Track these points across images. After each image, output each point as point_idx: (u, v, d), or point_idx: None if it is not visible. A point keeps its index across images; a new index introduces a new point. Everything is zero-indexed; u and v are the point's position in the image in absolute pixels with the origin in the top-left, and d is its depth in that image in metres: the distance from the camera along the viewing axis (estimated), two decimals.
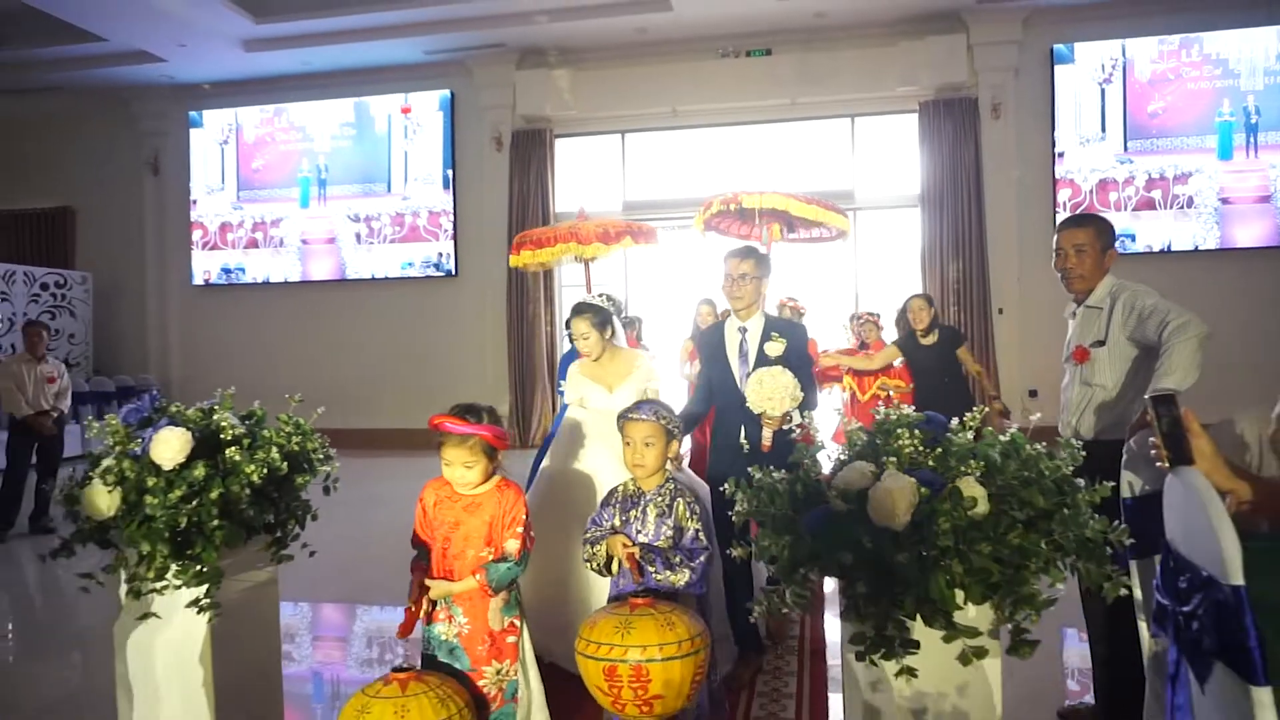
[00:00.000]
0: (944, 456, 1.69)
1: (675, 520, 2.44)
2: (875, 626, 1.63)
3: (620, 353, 3.55)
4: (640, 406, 2.53)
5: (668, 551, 2.39)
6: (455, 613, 2.28)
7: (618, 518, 2.50)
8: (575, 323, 3.47)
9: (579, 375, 3.55)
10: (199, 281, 11.55)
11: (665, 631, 2.08)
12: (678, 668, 2.06)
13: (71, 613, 4.62)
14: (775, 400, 3.01)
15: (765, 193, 5.47)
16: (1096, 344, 2.66)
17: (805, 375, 3.17)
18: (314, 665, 3.83)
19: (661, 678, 2.05)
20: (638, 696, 2.06)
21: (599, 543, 2.46)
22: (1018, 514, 1.61)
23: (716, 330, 3.39)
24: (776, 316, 3.44)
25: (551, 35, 9.86)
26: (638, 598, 2.21)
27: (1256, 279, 8.78)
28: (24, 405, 5.75)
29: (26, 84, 11.15)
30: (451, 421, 2.27)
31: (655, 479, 2.50)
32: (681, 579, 2.35)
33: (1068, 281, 2.78)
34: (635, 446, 2.47)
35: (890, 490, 1.62)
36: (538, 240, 5.89)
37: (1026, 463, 1.69)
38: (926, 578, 1.58)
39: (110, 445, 2.28)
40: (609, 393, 3.43)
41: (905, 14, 9.27)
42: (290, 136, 11.31)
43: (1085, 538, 1.63)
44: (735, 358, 3.26)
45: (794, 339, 3.24)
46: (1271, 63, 8.90)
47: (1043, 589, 1.72)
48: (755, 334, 3.24)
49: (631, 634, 2.06)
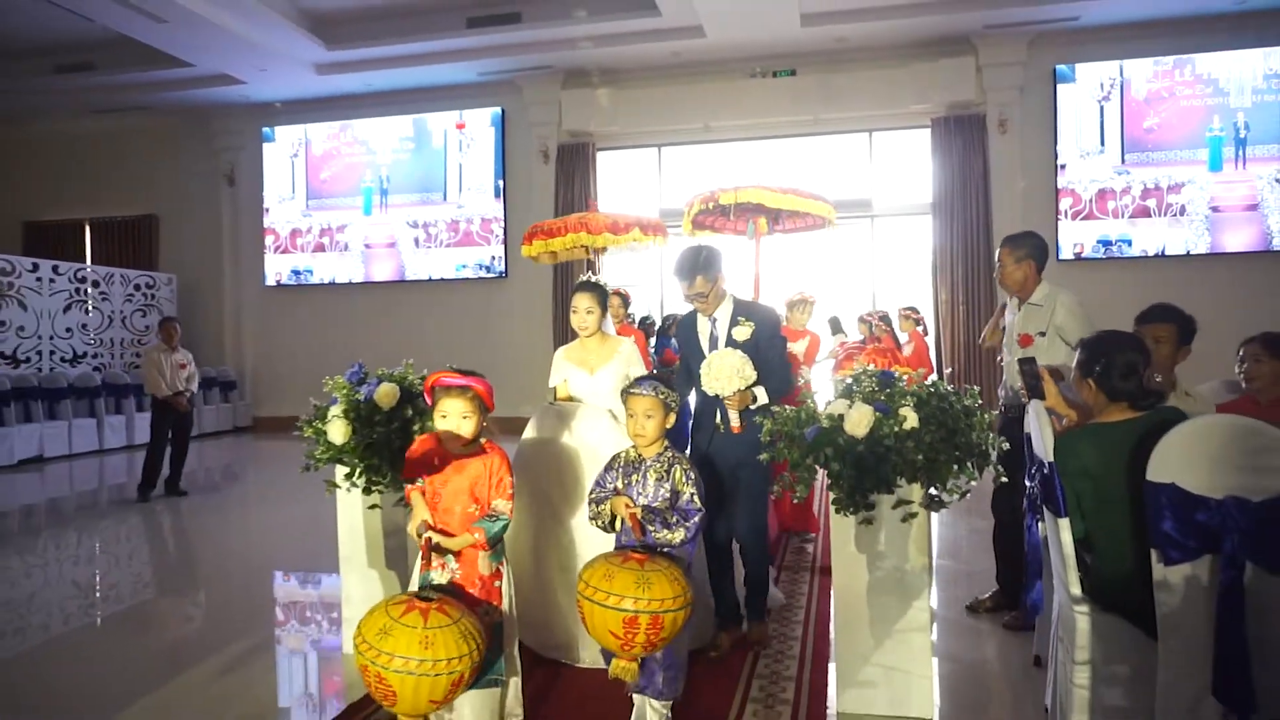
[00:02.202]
0: (891, 395, 2.62)
1: (672, 485, 2.60)
2: (847, 494, 2.58)
3: (606, 338, 3.63)
4: (641, 382, 2.68)
5: (665, 512, 2.56)
6: (448, 560, 2.47)
7: (620, 481, 2.66)
8: (580, 298, 3.55)
9: (563, 359, 3.66)
10: (271, 282, 12.64)
11: (675, 585, 2.31)
12: (681, 619, 2.33)
13: (203, 553, 5.69)
14: (723, 380, 3.10)
15: (741, 188, 5.41)
16: (1040, 334, 3.51)
17: (776, 355, 3.30)
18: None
19: (670, 625, 2.29)
20: (648, 640, 2.28)
21: (604, 503, 2.64)
22: (934, 429, 2.53)
23: (691, 319, 3.47)
24: (744, 300, 3.46)
25: (594, 58, 10.78)
26: (637, 552, 2.42)
27: (1244, 281, 9.43)
28: (163, 387, 6.84)
29: (118, 104, 12.35)
30: (448, 375, 2.53)
31: (654, 447, 2.65)
32: (677, 537, 2.53)
33: (1005, 287, 3.63)
34: (637, 418, 2.64)
35: (856, 414, 2.55)
36: (549, 230, 6.00)
37: (943, 399, 2.62)
38: (878, 466, 2.52)
39: (341, 396, 3.26)
40: (590, 375, 3.52)
41: (919, 38, 10.05)
42: (355, 150, 12.36)
43: (976, 444, 2.57)
44: (706, 345, 3.34)
45: (762, 321, 3.31)
46: (1259, 82, 9.58)
47: (960, 485, 2.66)
48: (724, 320, 3.32)
49: (651, 588, 2.26)
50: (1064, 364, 2.96)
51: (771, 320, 3.38)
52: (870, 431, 2.51)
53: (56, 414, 9.75)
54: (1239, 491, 1.90)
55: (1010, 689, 3.03)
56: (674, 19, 9.60)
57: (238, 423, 12.42)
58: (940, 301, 10.32)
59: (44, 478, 8.52)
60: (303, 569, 4.92)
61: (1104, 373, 2.27)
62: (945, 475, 2.53)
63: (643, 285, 11.04)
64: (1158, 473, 2.01)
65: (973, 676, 3.16)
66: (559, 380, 3.66)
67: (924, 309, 10.21)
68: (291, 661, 3.61)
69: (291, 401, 12.69)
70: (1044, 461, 2.29)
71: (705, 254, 3.30)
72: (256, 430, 12.49)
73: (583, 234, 5.77)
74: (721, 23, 9.52)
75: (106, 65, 11.29)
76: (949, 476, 2.54)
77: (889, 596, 2.68)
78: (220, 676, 3.35)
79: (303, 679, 3.47)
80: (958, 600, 3.87)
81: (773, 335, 3.31)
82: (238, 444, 11.25)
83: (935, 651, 3.04)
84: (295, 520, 6.23)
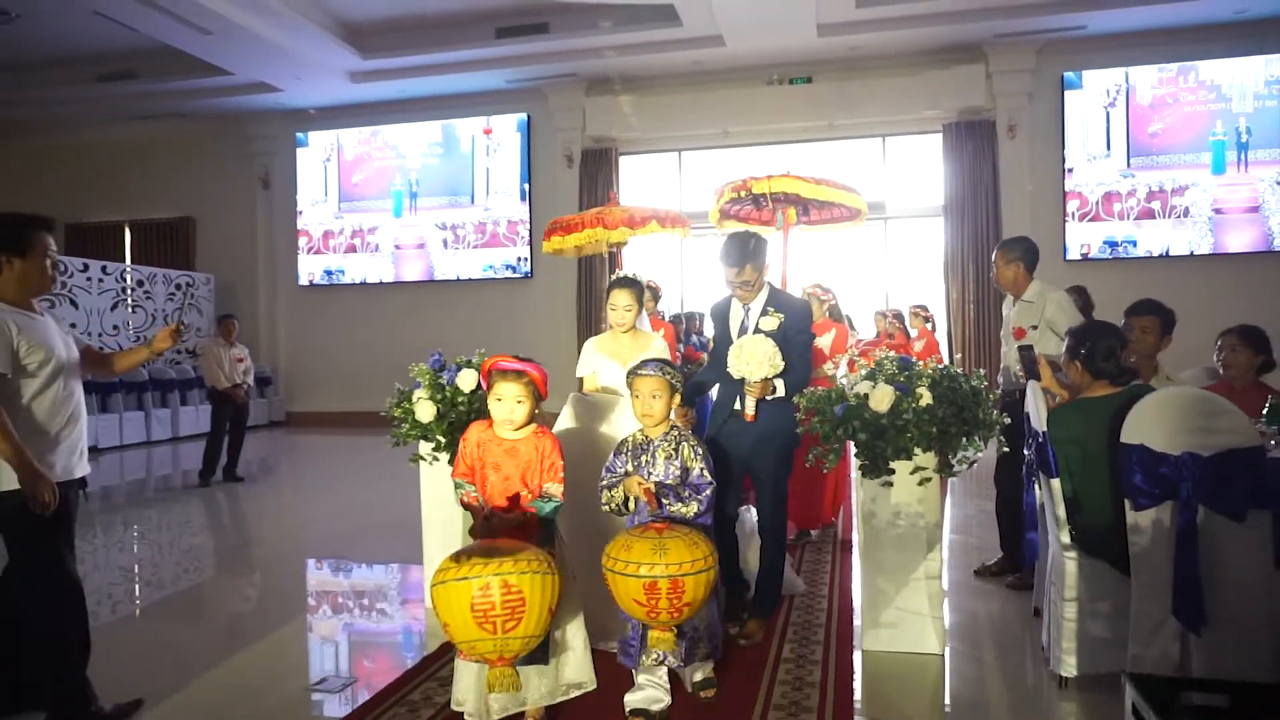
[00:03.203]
0: (909, 377, 3.04)
1: (682, 461, 2.68)
2: (871, 461, 3.02)
3: (639, 333, 3.68)
4: (646, 364, 2.77)
5: (677, 487, 2.64)
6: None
7: (630, 464, 2.73)
8: (618, 294, 3.58)
9: (594, 350, 3.67)
10: (304, 282, 13.13)
11: (694, 549, 2.38)
12: (704, 580, 2.38)
13: (271, 528, 6.15)
14: (753, 366, 3.12)
15: (774, 176, 5.29)
16: (1032, 327, 3.93)
17: (799, 349, 3.29)
18: None
19: (692, 589, 2.35)
20: (672, 605, 2.34)
21: (615, 486, 2.69)
22: (946, 406, 2.96)
23: (724, 306, 3.47)
24: (781, 292, 3.44)
25: (618, 66, 11.21)
26: (657, 523, 2.48)
27: (1246, 281, 9.76)
28: (222, 379, 7.33)
29: (158, 111, 12.87)
30: (505, 360, 2.62)
31: (661, 427, 2.74)
32: (692, 509, 2.61)
33: (1003, 287, 4.05)
34: (644, 398, 2.72)
35: (879, 393, 2.98)
36: (568, 226, 5.98)
37: (953, 380, 3.04)
38: (898, 436, 2.94)
39: (424, 381, 3.71)
40: (623, 367, 3.45)
41: (931, 46, 10.45)
42: (385, 154, 12.84)
43: (983, 419, 2.99)
44: (736, 332, 3.36)
45: (792, 314, 3.31)
46: (1260, 88, 9.94)
47: (969, 455, 3.08)
48: (756, 310, 3.33)
49: (668, 553, 2.33)
50: (1055, 354, 3.38)
51: (802, 313, 3.39)
52: (891, 408, 2.94)
53: (108, 407, 10.27)
54: (1192, 448, 2.33)
55: (1012, 633, 3.46)
56: (695, 29, 10.03)
57: (272, 417, 12.92)
58: (951, 300, 10.71)
59: (101, 466, 9.01)
60: (371, 540, 5.38)
61: (1088, 355, 2.70)
62: (955, 446, 2.97)
63: (665, 278, 11.45)
64: (1129, 435, 2.43)
65: (979, 623, 3.58)
66: (588, 371, 3.69)
67: (936, 307, 10.64)
68: (375, 613, 4.05)
69: (324, 397, 13.21)
70: (1039, 431, 2.73)
71: (755, 243, 3.29)
72: (290, 424, 12.99)
73: (599, 229, 5.79)
74: (741, 33, 9.94)
75: (148, 74, 11.75)
76: (959, 447, 2.97)
77: (905, 550, 3.11)
78: (328, 619, 3.81)
79: (391, 625, 3.91)
80: (967, 567, 4.29)
81: (801, 329, 3.33)
82: (274, 437, 11.74)
83: (947, 605, 3.46)
84: (349, 500, 6.73)
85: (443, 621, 2.24)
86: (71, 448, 2.87)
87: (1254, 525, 2.31)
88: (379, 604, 4.18)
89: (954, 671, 3.05)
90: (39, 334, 2.78)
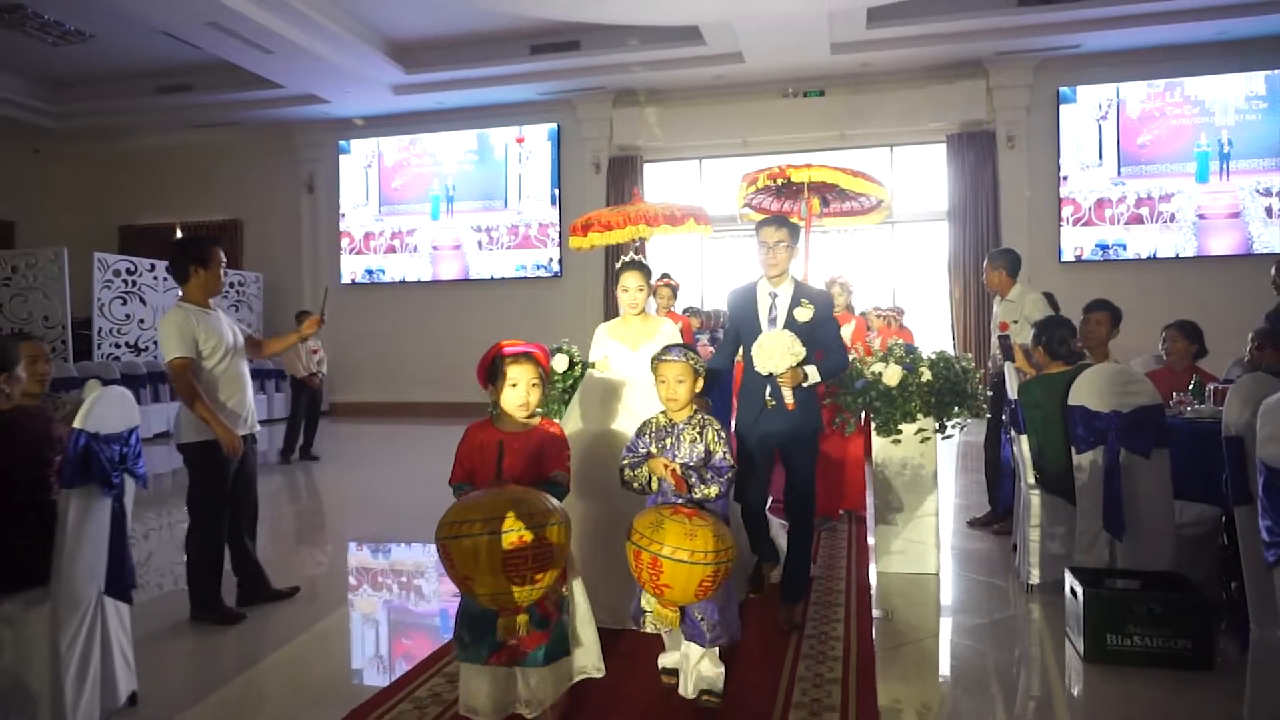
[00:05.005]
0: (914, 359, 3.90)
1: (705, 445, 2.71)
2: (883, 423, 3.88)
3: (649, 317, 3.71)
4: (670, 349, 2.80)
5: (700, 469, 2.68)
6: None
7: (654, 446, 2.76)
8: (629, 276, 3.61)
9: (605, 335, 3.73)
10: (346, 281, 13.94)
11: (720, 540, 2.38)
12: (722, 573, 2.39)
13: (353, 497, 7.03)
14: (776, 359, 3.19)
15: (813, 165, 5.40)
16: (1014, 322, 4.78)
17: (831, 336, 3.39)
18: None
19: (712, 578, 2.36)
20: (686, 590, 2.35)
21: (639, 466, 2.73)
22: (942, 382, 3.82)
23: (748, 292, 3.45)
24: (805, 284, 3.48)
25: (643, 80, 12.00)
26: (684, 506, 2.50)
27: (1227, 282, 10.37)
28: (300, 369, 8.22)
29: (211, 120, 13.69)
30: (512, 344, 2.59)
31: (685, 411, 2.77)
32: (713, 491, 2.65)
33: (991, 289, 4.90)
34: (669, 384, 2.74)
35: (890, 371, 3.83)
36: (607, 223, 5.94)
37: (949, 363, 3.90)
38: (906, 403, 3.80)
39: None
40: (633, 351, 3.56)
41: (936, 62, 11.22)
42: (423, 161, 13.66)
43: (970, 391, 3.85)
44: (765, 321, 3.36)
45: (821, 305, 3.36)
46: (1241, 103, 10.70)
47: (961, 421, 3.94)
48: (785, 299, 3.34)
49: (696, 539, 2.33)
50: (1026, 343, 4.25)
51: (828, 303, 3.44)
52: (900, 382, 3.80)
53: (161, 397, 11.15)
54: (1116, 407, 3.19)
55: (994, 560, 4.34)
56: (717, 48, 10.84)
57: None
58: (954, 298, 11.50)
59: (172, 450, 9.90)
60: None
61: (1048, 342, 3.57)
62: (949, 413, 3.83)
63: (687, 273, 12.22)
64: (1074, 399, 3.30)
65: (969, 555, 4.46)
66: (599, 356, 3.73)
67: (940, 306, 11.48)
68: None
69: (365, 388, 14.05)
70: (1012, 400, 3.60)
71: (792, 224, 3.43)
72: (333, 415, 13.83)
73: (642, 225, 5.82)
74: (760, 50, 10.74)
75: (204, 87, 12.59)
76: (952, 415, 3.83)
77: (909, 492, 3.99)
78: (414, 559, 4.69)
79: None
80: (961, 522, 5.14)
81: (827, 318, 3.41)
82: (320, 426, 12.58)
83: (942, 542, 4.31)
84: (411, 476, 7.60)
85: (461, 574, 2.16)
86: (238, 410, 3.71)
87: (1157, 461, 3.17)
88: None
89: (947, 584, 3.94)
90: (214, 326, 3.66)
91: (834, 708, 2.63)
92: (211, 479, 3.56)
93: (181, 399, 3.48)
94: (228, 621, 3.56)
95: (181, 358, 3.49)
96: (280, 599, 3.86)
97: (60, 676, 2.25)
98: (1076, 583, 2.94)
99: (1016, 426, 3.59)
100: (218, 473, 3.56)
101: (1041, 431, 3.52)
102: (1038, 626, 3.39)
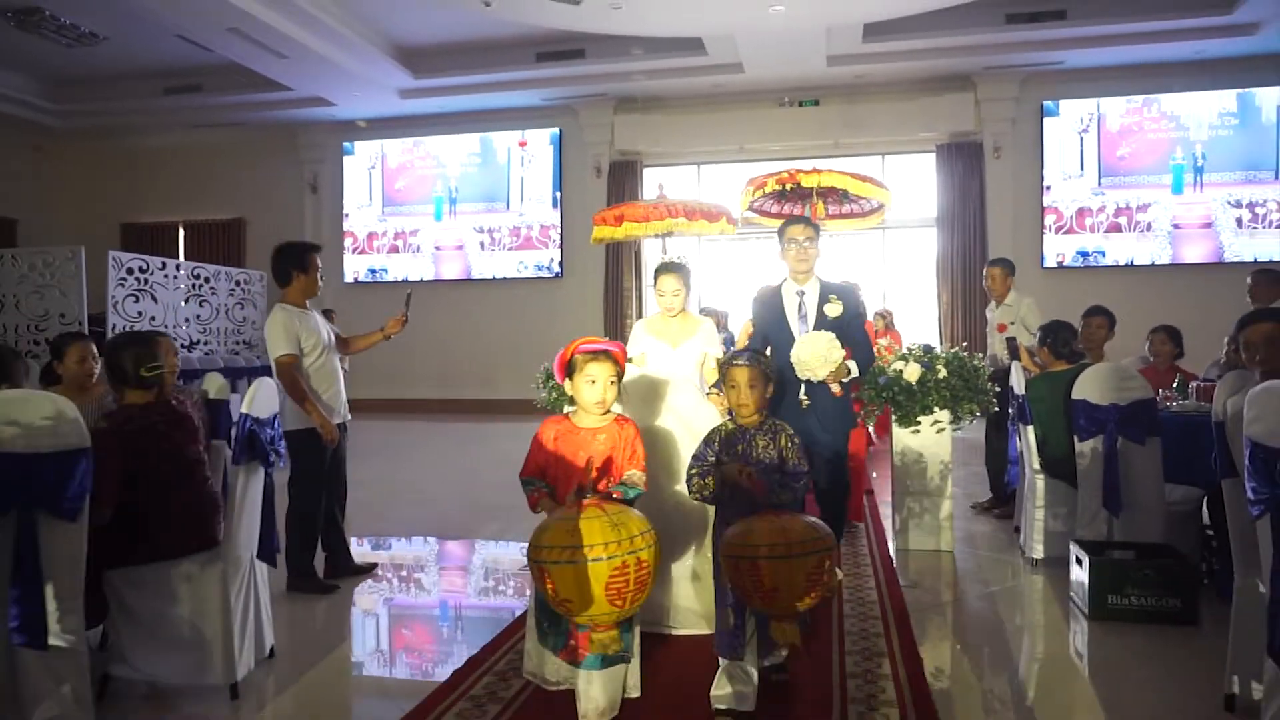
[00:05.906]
0: (932, 358, 4.34)
1: (779, 450, 2.63)
2: (904, 415, 4.32)
3: (689, 316, 3.67)
4: (741, 354, 2.74)
5: (774, 475, 2.59)
6: None
7: (724, 453, 2.65)
8: (666, 279, 3.56)
9: (644, 331, 3.65)
10: (349, 280, 14.15)
11: (812, 529, 2.31)
12: (831, 560, 2.31)
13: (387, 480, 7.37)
14: (815, 365, 3.28)
15: (822, 170, 5.47)
16: (1010, 324, 5.27)
17: (859, 331, 3.56)
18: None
19: (822, 566, 2.26)
20: (795, 589, 2.22)
21: (707, 475, 2.59)
22: (956, 379, 4.27)
23: (774, 294, 3.52)
24: (829, 281, 3.50)
25: (644, 88, 12.33)
26: (773, 511, 2.41)
27: (1200, 288, 10.91)
28: None
29: (218, 120, 13.89)
30: (589, 342, 2.56)
31: (756, 417, 2.69)
32: (788, 498, 2.58)
33: (991, 294, 5.37)
34: (740, 389, 2.65)
35: (910, 368, 4.28)
36: (644, 215, 6.00)
37: (962, 363, 4.35)
38: (924, 398, 4.25)
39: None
40: (673, 348, 3.53)
41: (927, 75, 11.68)
42: (426, 163, 13.91)
43: (981, 387, 4.30)
44: (795, 319, 3.45)
45: (849, 300, 3.49)
46: (1214, 119, 11.24)
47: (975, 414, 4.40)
48: (813, 296, 3.44)
49: (789, 532, 2.26)
50: (1029, 343, 4.72)
51: (855, 299, 3.64)
52: (919, 379, 4.25)
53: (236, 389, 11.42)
54: (1114, 400, 3.67)
55: (999, 539, 4.82)
56: (718, 58, 11.21)
57: None
58: (942, 302, 12.00)
59: None
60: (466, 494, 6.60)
61: (1053, 343, 4.03)
62: (963, 407, 4.29)
63: (708, 274, 12.58)
64: (1077, 394, 3.77)
65: (976, 535, 4.93)
66: (637, 352, 3.61)
67: (928, 309, 11.96)
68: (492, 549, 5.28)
69: (367, 385, 14.29)
70: (1019, 395, 4.06)
71: (815, 222, 3.60)
72: None
73: (681, 219, 5.95)
74: (759, 61, 11.14)
75: (212, 88, 12.76)
76: (966, 409, 4.29)
77: (926, 478, 4.44)
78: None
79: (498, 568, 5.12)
80: (964, 507, 5.61)
81: (856, 314, 3.57)
82: None
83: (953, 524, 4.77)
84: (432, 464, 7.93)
85: (562, 598, 2.13)
86: (332, 402, 4.09)
87: (1150, 447, 3.67)
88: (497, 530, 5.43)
89: (959, 559, 4.42)
90: (312, 326, 4.04)
91: (882, 653, 3.09)
92: (311, 463, 3.92)
93: (287, 392, 3.84)
94: (323, 591, 3.92)
95: (288, 354, 3.85)
96: (361, 574, 4.23)
97: (230, 626, 2.63)
98: (1081, 552, 3.40)
99: (1023, 418, 4.06)
100: (317, 457, 3.92)
101: (1046, 422, 3.99)
102: (1044, 593, 3.86)
